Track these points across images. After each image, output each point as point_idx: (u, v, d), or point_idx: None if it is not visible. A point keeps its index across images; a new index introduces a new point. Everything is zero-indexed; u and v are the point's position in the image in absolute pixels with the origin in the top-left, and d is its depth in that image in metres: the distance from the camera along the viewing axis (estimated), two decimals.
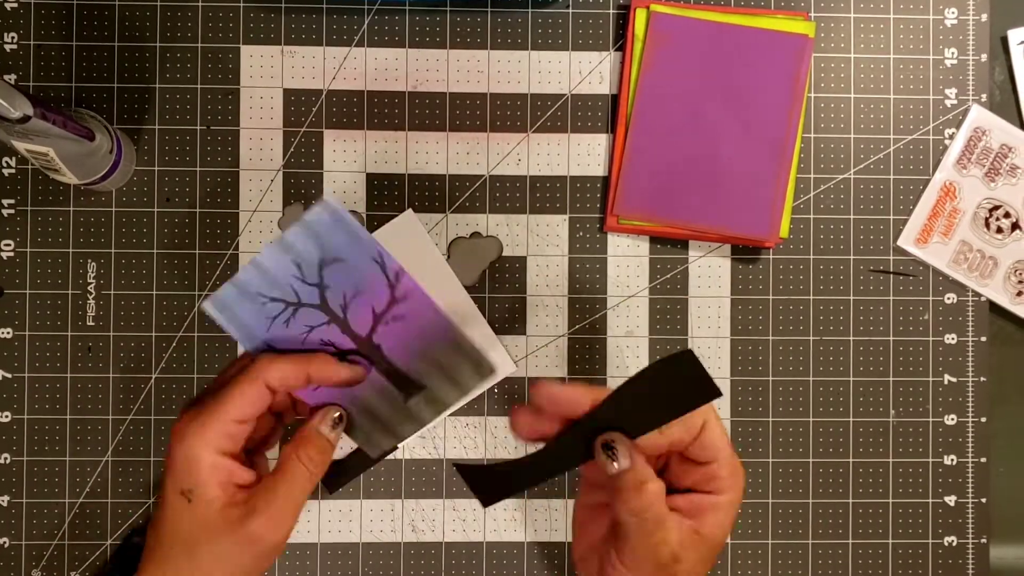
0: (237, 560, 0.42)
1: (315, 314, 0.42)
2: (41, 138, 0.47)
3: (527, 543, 0.56)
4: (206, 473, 0.41)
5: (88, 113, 0.54)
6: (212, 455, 0.42)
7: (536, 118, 0.57)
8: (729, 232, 0.56)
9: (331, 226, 0.40)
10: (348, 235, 0.40)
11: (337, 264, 0.41)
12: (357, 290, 0.42)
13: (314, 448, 0.43)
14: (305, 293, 0.41)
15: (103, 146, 0.52)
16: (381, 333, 0.43)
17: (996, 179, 0.57)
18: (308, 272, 0.41)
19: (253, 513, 0.41)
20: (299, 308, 0.42)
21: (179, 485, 0.42)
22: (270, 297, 0.41)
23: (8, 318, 0.55)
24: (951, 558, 0.57)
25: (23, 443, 0.55)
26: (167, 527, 0.43)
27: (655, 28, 0.56)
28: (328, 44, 0.56)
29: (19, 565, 0.55)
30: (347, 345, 0.43)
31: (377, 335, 0.43)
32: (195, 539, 0.42)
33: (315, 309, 0.42)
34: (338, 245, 0.40)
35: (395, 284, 0.42)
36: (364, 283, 0.41)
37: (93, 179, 0.52)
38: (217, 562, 0.42)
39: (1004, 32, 0.58)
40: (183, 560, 0.42)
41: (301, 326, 0.42)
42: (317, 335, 0.42)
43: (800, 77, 0.55)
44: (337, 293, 0.41)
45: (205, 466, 0.41)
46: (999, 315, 0.58)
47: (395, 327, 0.43)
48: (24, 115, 0.43)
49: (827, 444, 0.57)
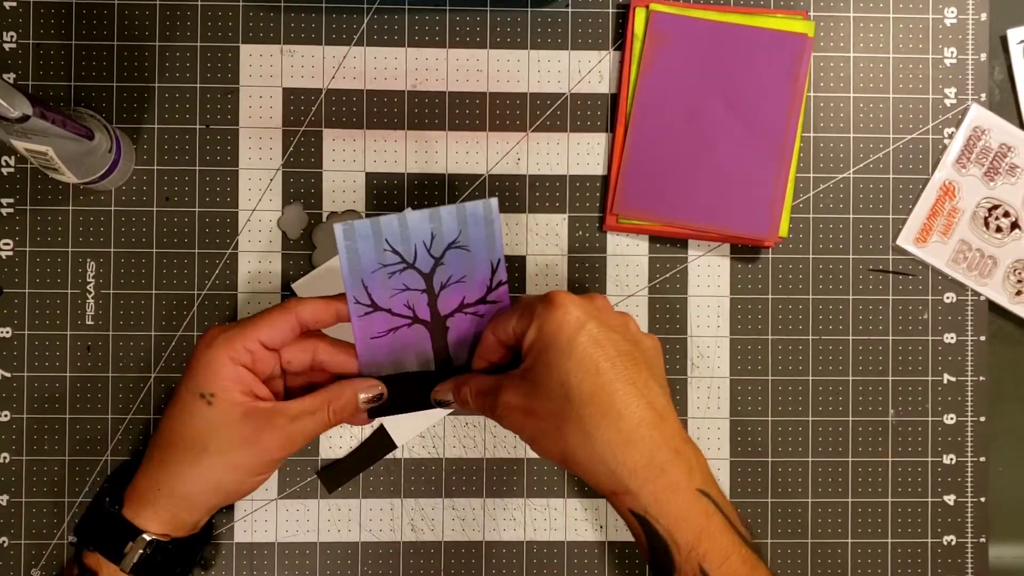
0: (241, 465, 0.44)
1: (417, 279, 0.46)
2: (40, 137, 0.47)
3: (526, 542, 0.56)
4: (229, 379, 0.44)
5: (87, 112, 0.54)
6: (235, 366, 0.44)
7: (535, 117, 0.57)
8: (728, 231, 0.56)
9: (479, 220, 0.45)
10: (487, 234, 0.45)
11: (462, 251, 0.46)
12: (463, 278, 0.47)
13: (344, 405, 0.46)
14: (422, 259, 0.46)
15: (102, 145, 0.52)
16: (457, 318, 0.48)
17: (995, 178, 0.57)
18: (436, 245, 0.45)
19: (271, 427, 0.44)
20: (409, 268, 0.46)
21: (198, 388, 0.44)
22: (393, 248, 0.45)
23: (7, 317, 0.55)
24: (950, 557, 0.57)
25: (22, 442, 0.55)
26: (178, 428, 0.44)
27: (654, 27, 0.56)
28: (327, 43, 0.56)
29: (18, 564, 0.55)
30: (424, 316, 0.47)
31: (452, 319, 0.48)
32: (204, 442, 0.44)
33: (420, 276, 0.46)
34: (474, 237, 0.45)
35: (492, 289, 0.47)
36: (471, 276, 0.47)
37: (92, 178, 0.52)
38: (220, 466, 0.44)
39: (1003, 31, 0.58)
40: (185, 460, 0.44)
41: (399, 283, 0.46)
42: (406, 296, 0.47)
43: (799, 76, 0.56)
44: (445, 273, 0.46)
45: (229, 373, 0.44)
46: (998, 314, 0.58)
47: (470, 318, 0.48)
48: (23, 114, 0.43)
49: (826, 443, 0.57)
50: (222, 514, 0.56)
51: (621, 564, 0.57)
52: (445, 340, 0.48)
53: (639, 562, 0.57)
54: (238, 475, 0.44)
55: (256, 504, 0.56)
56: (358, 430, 0.56)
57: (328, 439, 0.56)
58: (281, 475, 0.56)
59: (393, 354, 0.48)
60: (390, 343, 0.47)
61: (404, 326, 0.47)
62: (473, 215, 0.45)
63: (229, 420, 0.43)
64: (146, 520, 0.45)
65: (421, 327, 0.48)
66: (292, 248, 0.56)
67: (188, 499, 0.45)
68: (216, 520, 0.56)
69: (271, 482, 0.56)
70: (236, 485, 0.45)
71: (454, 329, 0.48)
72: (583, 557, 0.57)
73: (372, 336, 0.47)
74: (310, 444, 0.56)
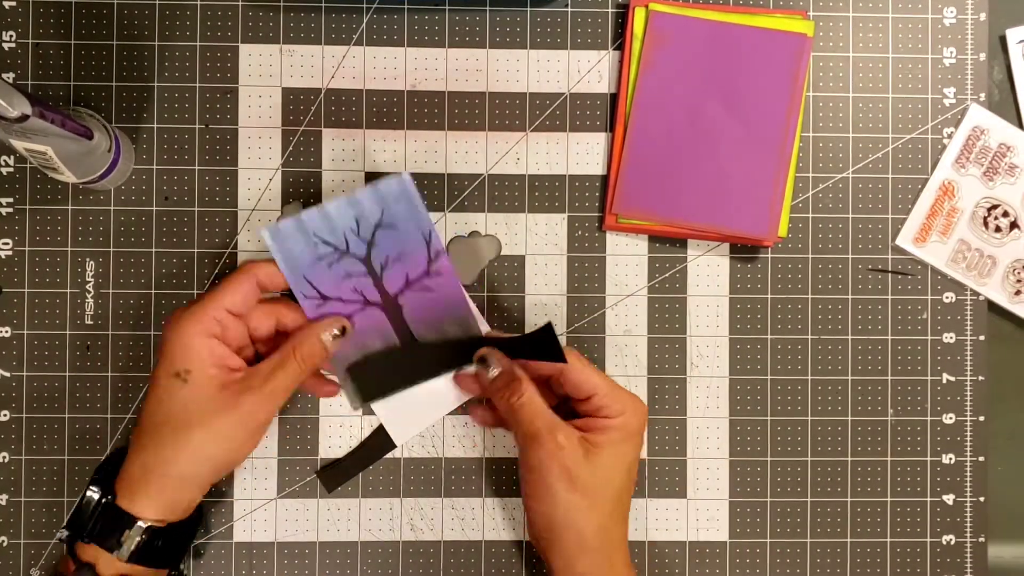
0: (228, 434, 0.45)
1: (356, 265, 0.47)
2: (40, 137, 0.47)
3: (525, 542, 0.56)
4: (203, 354, 0.44)
5: (87, 112, 0.54)
6: (207, 339, 0.45)
7: (535, 117, 0.57)
8: (728, 231, 0.56)
9: (398, 196, 0.46)
10: (409, 208, 0.46)
11: (390, 230, 0.47)
12: (399, 256, 0.48)
13: (310, 350, 0.47)
14: (354, 245, 0.47)
15: (101, 145, 0.52)
16: (407, 296, 0.49)
17: (994, 178, 0.57)
18: (364, 229, 0.46)
19: (248, 391, 0.45)
20: (344, 256, 0.47)
21: (173, 368, 0.44)
22: (323, 240, 0.46)
23: (7, 317, 0.55)
24: (949, 557, 0.57)
25: (22, 442, 0.55)
26: (159, 409, 0.45)
27: (654, 27, 0.56)
28: (327, 43, 0.56)
29: (17, 564, 0.55)
30: (374, 298, 0.49)
31: (403, 297, 0.49)
32: (187, 417, 0.44)
33: (358, 261, 0.47)
34: (398, 214, 0.46)
35: (433, 261, 0.48)
36: (407, 252, 0.48)
37: (92, 178, 0.52)
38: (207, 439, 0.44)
39: (1003, 31, 0.58)
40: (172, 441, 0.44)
41: (340, 271, 0.47)
42: (351, 283, 0.48)
43: (799, 76, 0.56)
44: (381, 254, 0.47)
45: (201, 348, 0.44)
46: (997, 314, 0.58)
47: (421, 295, 0.49)
48: (22, 114, 0.43)
49: (825, 443, 0.57)
50: (221, 514, 0.56)
51: None
52: (403, 318, 0.49)
53: (636, 560, 0.57)
54: (226, 445, 0.45)
55: (255, 504, 0.56)
56: (357, 429, 0.56)
57: (327, 439, 0.56)
58: (280, 475, 0.56)
59: (357, 339, 0.49)
60: None
61: (358, 311, 0.49)
62: (389, 192, 0.46)
63: (207, 393, 0.44)
64: (141, 507, 0.45)
65: (375, 309, 0.49)
66: None
67: (181, 478, 0.45)
68: (215, 520, 0.56)
69: (271, 482, 0.56)
70: (226, 455, 0.46)
71: (408, 307, 0.49)
72: None
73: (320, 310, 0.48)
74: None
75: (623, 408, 0.48)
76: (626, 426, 0.48)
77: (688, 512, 0.57)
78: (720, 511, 0.57)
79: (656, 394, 0.57)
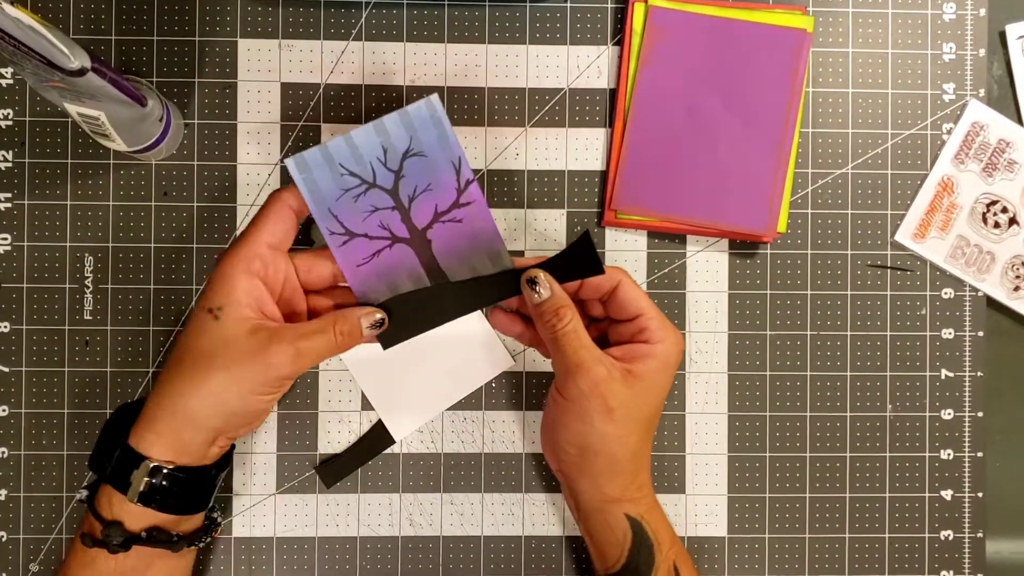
0: (247, 379, 0.43)
1: (384, 197, 0.45)
2: (93, 101, 0.46)
3: (524, 537, 0.57)
4: (240, 292, 0.43)
5: (138, 80, 0.53)
6: (247, 277, 0.44)
7: (534, 112, 0.57)
8: (727, 227, 0.56)
9: (427, 121, 0.44)
10: (439, 134, 0.44)
11: (418, 158, 0.45)
12: (428, 186, 0.46)
13: (348, 328, 0.45)
14: (382, 176, 0.45)
15: (154, 112, 0.51)
16: (436, 229, 0.47)
17: (994, 174, 0.57)
18: (391, 158, 0.44)
19: (278, 340, 0.43)
20: (372, 188, 0.45)
21: (207, 303, 0.44)
22: (349, 171, 0.44)
23: (5, 312, 0.55)
24: (947, 552, 0.57)
25: (20, 437, 0.55)
26: (186, 344, 0.44)
27: (653, 22, 0.56)
28: (326, 38, 0.56)
29: (16, 559, 0.55)
30: (402, 233, 0.46)
31: (432, 231, 0.47)
32: (212, 355, 0.43)
33: (385, 193, 0.45)
34: (426, 141, 0.44)
35: (463, 190, 0.46)
36: (436, 181, 0.46)
37: (142, 147, 0.52)
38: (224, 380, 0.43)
39: (1002, 27, 0.58)
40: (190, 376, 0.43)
41: (367, 205, 0.45)
42: (378, 217, 0.46)
43: (798, 71, 0.55)
44: (409, 185, 0.45)
45: (240, 286, 0.43)
46: (996, 310, 0.58)
47: (450, 227, 0.47)
48: (82, 67, 0.42)
49: (824, 439, 0.57)
50: (220, 509, 0.56)
51: None
52: (431, 253, 0.47)
53: None
54: (242, 389, 0.43)
55: (255, 499, 0.56)
56: (356, 425, 0.56)
57: (327, 434, 0.56)
58: (279, 470, 0.56)
59: (384, 278, 0.47)
60: (376, 268, 0.47)
61: (385, 248, 0.47)
62: (418, 116, 0.44)
63: (236, 334, 0.43)
64: (148, 445, 0.43)
65: (403, 246, 0.47)
66: None
67: (190, 418, 0.43)
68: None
69: (270, 477, 0.56)
70: (240, 402, 0.43)
71: (437, 241, 0.47)
72: (581, 552, 0.57)
73: (357, 264, 0.46)
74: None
75: (665, 335, 0.48)
76: (666, 355, 0.48)
77: (687, 508, 0.57)
78: (719, 507, 0.57)
79: None
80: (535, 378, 0.57)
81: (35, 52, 0.40)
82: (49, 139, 0.56)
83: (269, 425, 0.56)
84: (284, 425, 0.56)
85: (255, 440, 0.56)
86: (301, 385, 0.56)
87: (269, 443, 0.56)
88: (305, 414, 0.56)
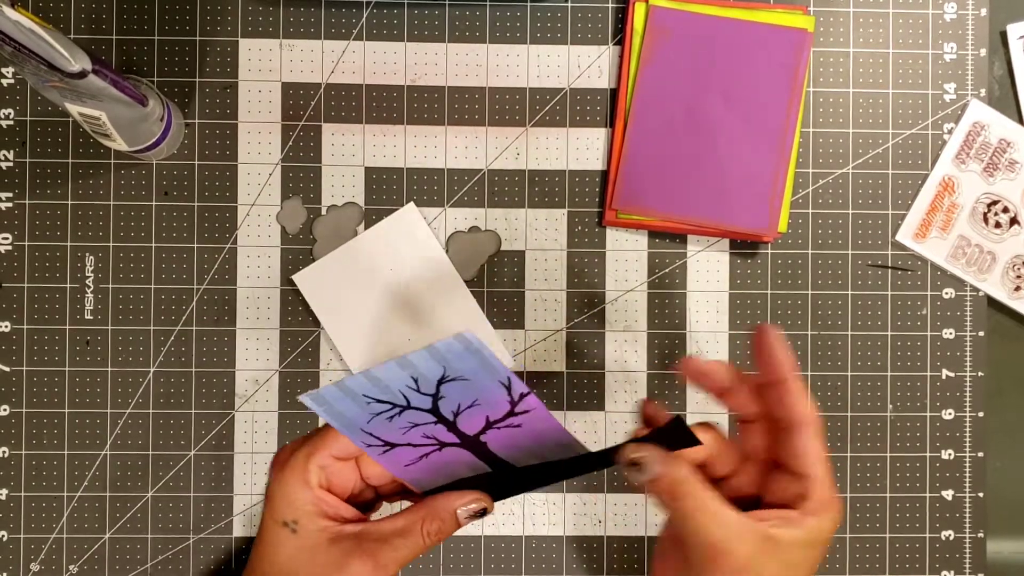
0: None
1: (422, 416, 0.40)
2: (94, 101, 0.46)
3: (525, 537, 0.57)
4: (308, 505, 0.41)
5: (138, 79, 0.53)
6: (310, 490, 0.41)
7: (535, 112, 0.57)
8: (728, 226, 0.56)
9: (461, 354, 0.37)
10: (479, 362, 0.37)
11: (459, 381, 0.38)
12: (474, 402, 0.39)
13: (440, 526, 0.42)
14: (416, 399, 0.39)
15: (155, 112, 0.51)
16: (491, 435, 0.41)
17: (995, 174, 0.57)
18: (424, 385, 0.38)
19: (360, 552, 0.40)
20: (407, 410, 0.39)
21: (280, 516, 0.41)
22: (376, 399, 0.38)
23: (6, 312, 0.55)
24: (948, 552, 0.57)
25: (21, 437, 0.55)
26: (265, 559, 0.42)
27: (654, 22, 0.56)
28: (327, 38, 0.56)
29: (17, 559, 0.55)
30: (451, 439, 0.41)
31: (485, 436, 0.41)
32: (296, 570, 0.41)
33: (424, 412, 0.39)
34: (464, 369, 0.38)
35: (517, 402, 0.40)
36: (484, 398, 0.39)
37: (142, 146, 0.52)
38: None
39: (1003, 27, 0.58)
40: None
41: (404, 423, 0.40)
42: (419, 431, 0.40)
43: (799, 71, 0.55)
44: (451, 403, 0.39)
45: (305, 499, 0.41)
46: (997, 310, 0.58)
47: (507, 431, 0.41)
48: (83, 69, 0.42)
49: (824, 438, 0.57)
50: (221, 508, 0.56)
51: (620, 559, 0.57)
52: (490, 452, 0.41)
53: (637, 556, 0.57)
54: None
55: (255, 498, 0.56)
56: None
57: None
58: None
59: (441, 471, 0.42)
60: (429, 466, 0.42)
61: (434, 451, 0.41)
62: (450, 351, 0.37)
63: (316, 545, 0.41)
64: None
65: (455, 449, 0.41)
66: (291, 243, 0.56)
67: None
68: (215, 515, 0.56)
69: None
70: None
71: (494, 442, 0.41)
72: (582, 552, 0.57)
73: (405, 465, 0.42)
74: None
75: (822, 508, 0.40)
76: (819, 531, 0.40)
77: None
78: None
79: (656, 390, 0.57)
80: (535, 378, 0.57)
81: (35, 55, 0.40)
82: (50, 139, 0.56)
83: (270, 425, 0.56)
84: (285, 424, 0.56)
85: (256, 440, 0.56)
86: (302, 385, 0.56)
87: (270, 443, 0.56)
88: (306, 414, 0.56)
